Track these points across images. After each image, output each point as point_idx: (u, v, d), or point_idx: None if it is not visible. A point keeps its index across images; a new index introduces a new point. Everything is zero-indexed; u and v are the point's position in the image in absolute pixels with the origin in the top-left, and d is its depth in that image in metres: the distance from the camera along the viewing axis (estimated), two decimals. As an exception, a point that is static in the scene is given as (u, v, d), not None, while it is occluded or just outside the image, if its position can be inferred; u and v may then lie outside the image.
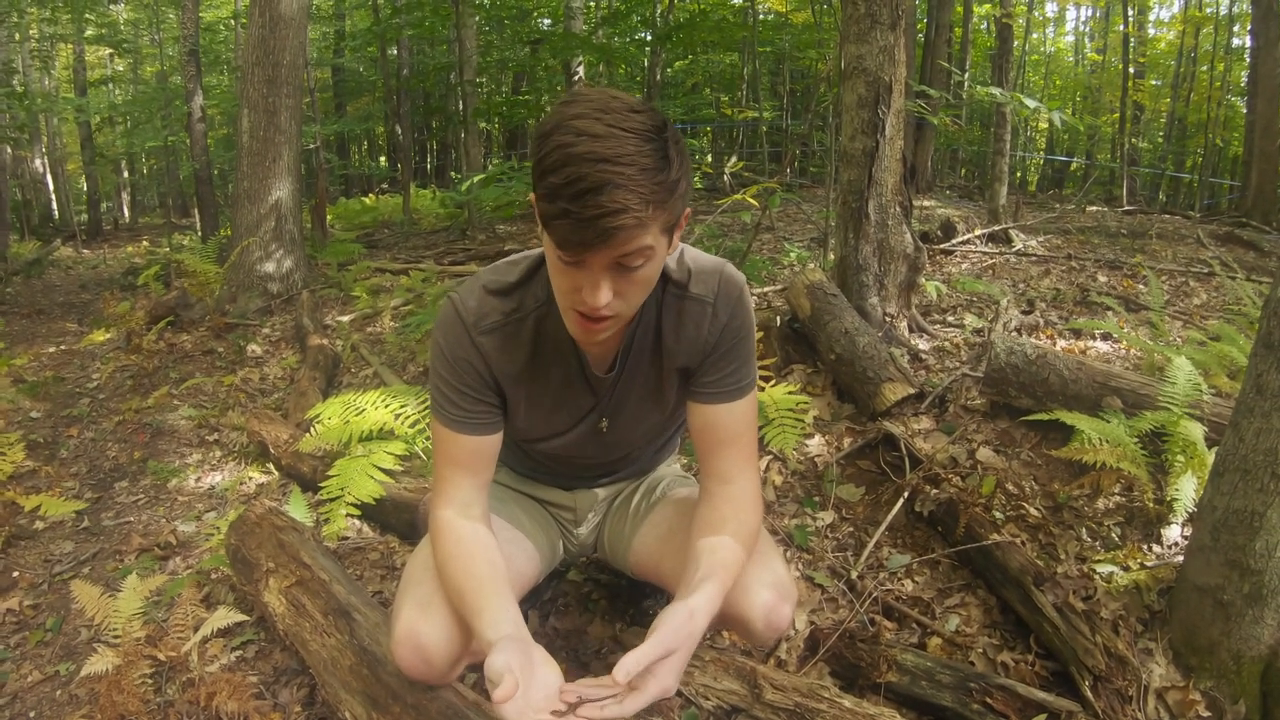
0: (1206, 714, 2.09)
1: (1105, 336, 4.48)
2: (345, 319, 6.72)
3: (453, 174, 19.04)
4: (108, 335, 6.79)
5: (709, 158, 17.65)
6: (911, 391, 3.55)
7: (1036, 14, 24.88)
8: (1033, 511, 2.87)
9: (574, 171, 1.28)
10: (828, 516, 3.08)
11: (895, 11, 4.00)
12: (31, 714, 2.45)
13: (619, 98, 1.36)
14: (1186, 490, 2.67)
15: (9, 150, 15.05)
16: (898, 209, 4.19)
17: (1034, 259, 7.08)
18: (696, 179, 12.09)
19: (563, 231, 1.33)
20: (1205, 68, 21.58)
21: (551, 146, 1.30)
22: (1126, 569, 2.58)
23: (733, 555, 1.66)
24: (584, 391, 1.82)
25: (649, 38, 14.35)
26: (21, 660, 2.71)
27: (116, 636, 2.40)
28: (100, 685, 2.26)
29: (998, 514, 2.84)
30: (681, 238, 1.67)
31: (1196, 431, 2.82)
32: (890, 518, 2.93)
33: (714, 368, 1.76)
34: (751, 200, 5.46)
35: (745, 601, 1.79)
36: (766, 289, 5.61)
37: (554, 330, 1.71)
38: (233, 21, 18.04)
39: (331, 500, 3.05)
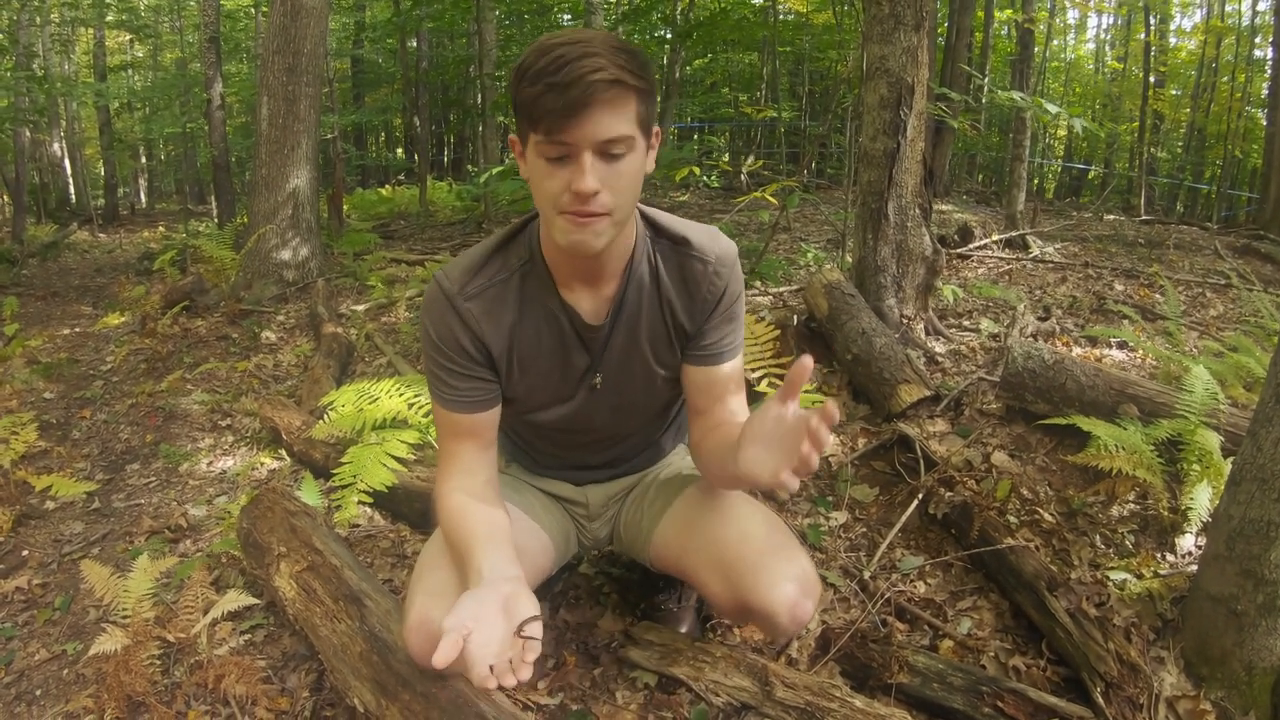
0: (1218, 724, 2.07)
1: (1121, 344, 4.46)
2: (360, 308, 6.72)
3: (469, 167, 19.07)
4: (122, 319, 6.81)
5: (726, 156, 17.63)
6: (927, 394, 3.54)
7: (1058, 20, 24.79)
8: (1047, 517, 2.86)
9: (554, 54, 1.40)
10: (841, 516, 3.08)
11: (919, 13, 3.99)
12: (38, 692, 2.46)
13: (589, 29, 1.52)
14: (1201, 499, 2.65)
15: (28, 134, 15.10)
16: (917, 211, 4.17)
17: (1051, 266, 7.05)
18: (714, 177, 12.07)
19: (548, 104, 1.42)
20: (1226, 78, 21.43)
21: (531, 53, 1.44)
22: (1140, 576, 2.57)
23: None
24: (577, 347, 1.82)
25: (669, 35, 14.35)
26: (29, 638, 2.72)
27: (125, 617, 2.39)
28: (108, 665, 2.26)
29: (1012, 518, 2.82)
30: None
31: (1213, 440, 2.81)
32: (904, 519, 2.92)
33: (716, 330, 1.82)
34: (770, 198, 5.45)
35: (771, 595, 1.79)
36: (783, 289, 5.59)
37: (540, 285, 1.74)
38: (253, 10, 18.06)
39: (344, 487, 3.05)
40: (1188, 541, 2.72)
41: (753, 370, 3.54)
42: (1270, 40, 15.50)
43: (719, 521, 1.95)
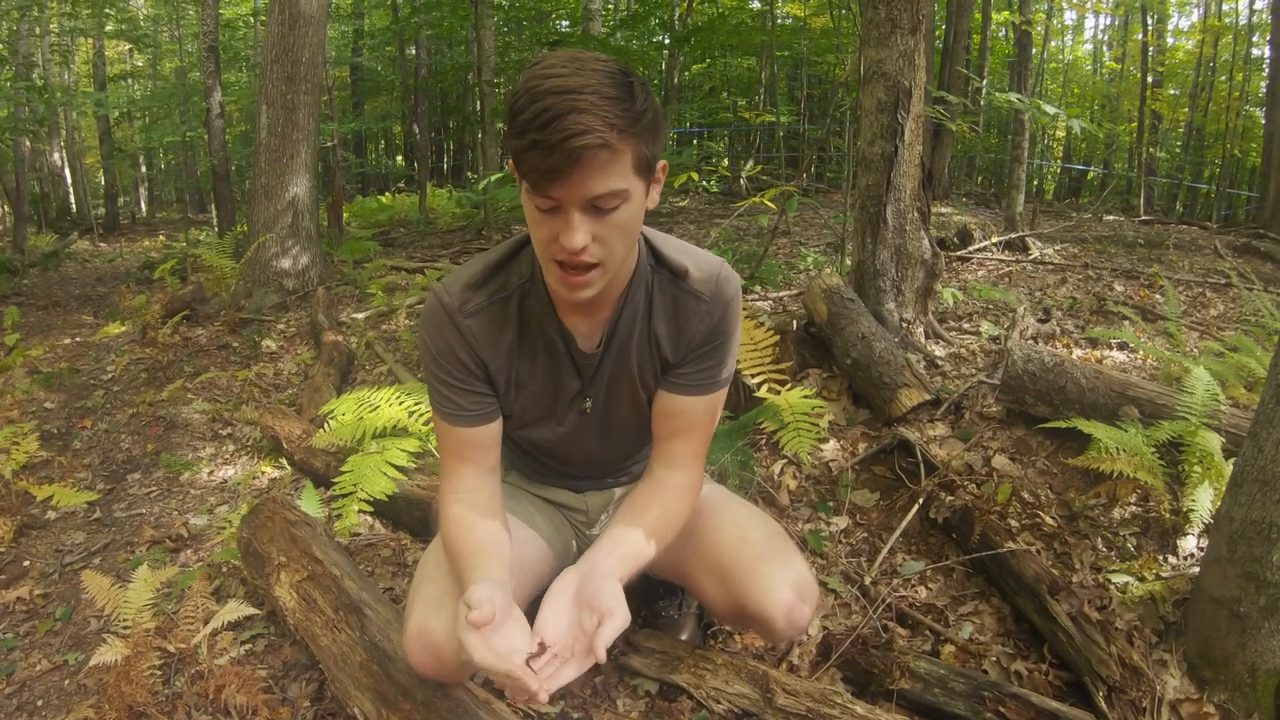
0: (1221, 727, 2.07)
1: (1122, 346, 4.45)
2: (360, 316, 6.72)
3: (469, 174, 19.10)
4: (123, 328, 6.82)
5: (725, 161, 17.62)
6: (927, 398, 3.53)
7: (1055, 22, 24.81)
8: (1048, 520, 2.85)
9: (540, 105, 1.32)
10: (842, 522, 3.07)
11: (916, 16, 3.98)
12: (39, 703, 2.46)
13: (587, 52, 1.41)
14: (1203, 501, 2.64)
15: (28, 143, 15.13)
16: (915, 214, 4.17)
17: (1051, 267, 7.04)
18: (713, 182, 12.08)
19: (532, 163, 1.36)
20: (1224, 77, 21.46)
21: (522, 92, 1.35)
22: (1142, 579, 2.56)
23: (639, 548, 1.71)
24: (570, 372, 1.81)
25: (667, 41, 14.36)
26: (30, 649, 2.72)
27: (126, 627, 2.39)
28: (109, 675, 2.26)
29: (1013, 522, 2.82)
30: (697, 241, 1.67)
31: (1214, 442, 2.80)
32: (905, 524, 2.91)
33: (692, 363, 1.78)
34: (769, 203, 5.44)
35: (767, 600, 1.80)
36: (782, 293, 5.59)
37: (539, 307, 1.72)
38: (252, 19, 18.13)
39: (344, 496, 3.05)
40: (1189, 544, 2.72)
41: (752, 375, 3.54)
42: (1268, 39, 15.50)
43: (716, 527, 1.95)
